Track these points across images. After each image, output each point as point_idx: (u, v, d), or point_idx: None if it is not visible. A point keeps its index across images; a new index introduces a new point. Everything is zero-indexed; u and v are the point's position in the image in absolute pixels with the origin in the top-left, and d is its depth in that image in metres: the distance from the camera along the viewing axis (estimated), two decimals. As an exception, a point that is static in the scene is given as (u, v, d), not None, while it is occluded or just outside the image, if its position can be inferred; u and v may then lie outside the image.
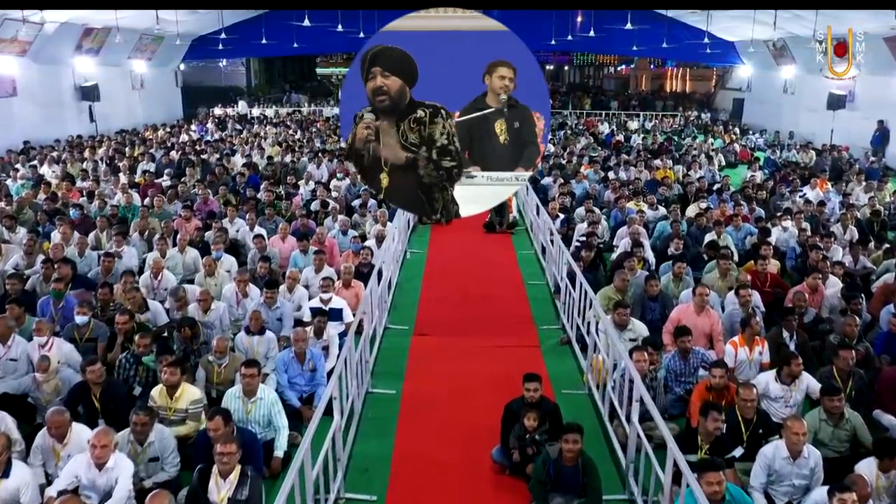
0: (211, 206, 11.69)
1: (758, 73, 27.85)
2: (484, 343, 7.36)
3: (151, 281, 8.14)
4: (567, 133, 23.46)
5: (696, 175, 15.39)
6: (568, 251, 8.64)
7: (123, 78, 24.97)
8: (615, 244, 10.32)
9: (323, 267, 8.31)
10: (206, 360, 5.94)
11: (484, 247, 11.27)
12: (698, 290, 6.91)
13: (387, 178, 6.43)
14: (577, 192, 13.52)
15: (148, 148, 17.84)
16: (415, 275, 9.68)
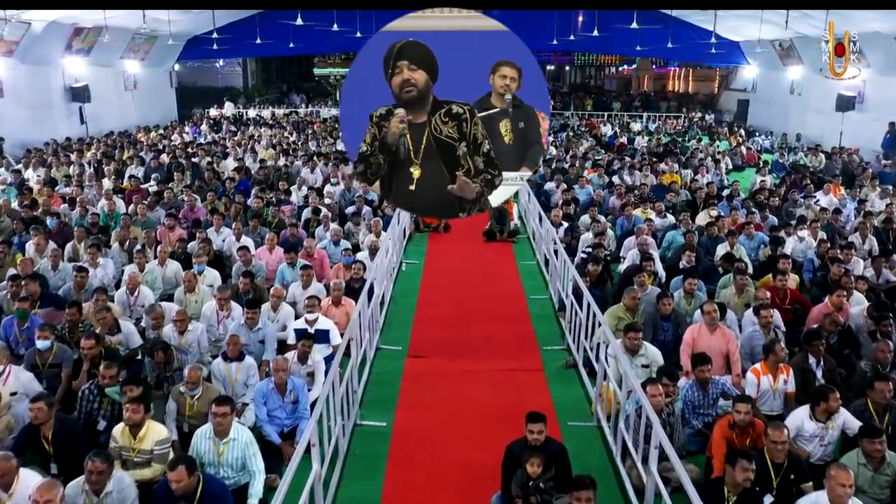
0: (198, 213, 11.15)
1: (763, 74, 27.28)
2: (483, 366, 6.83)
3: (127, 298, 7.61)
4: (569, 135, 22.91)
5: (703, 180, 14.83)
6: (573, 265, 8.11)
7: (116, 78, 24.42)
8: (622, 255, 9.79)
9: (311, 282, 7.78)
10: (178, 390, 5.40)
11: (484, 256, 10.73)
12: (705, 307, 6.38)
13: (418, 171, 6.35)
14: (580, 197, 12.98)
15: (138, 151, 17.29)
16: (410, 288, 9.14)
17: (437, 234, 11.88)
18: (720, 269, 8.66)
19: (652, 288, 7.67)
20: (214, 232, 9.91)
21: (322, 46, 27.93)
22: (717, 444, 4.90)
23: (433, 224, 11.99)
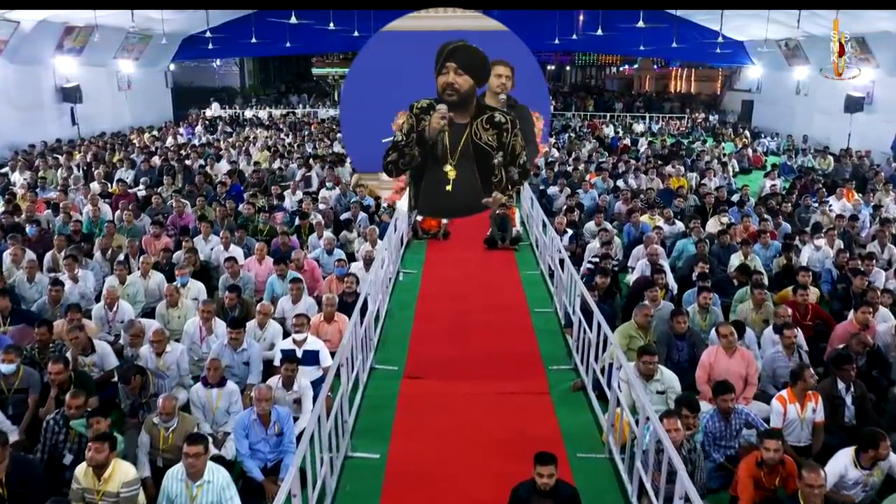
0: (186, 220, 10.70)
1: (768, 74, 26.83)
2: (485, 388, 6.36)
3: (105, 313, 7.14)
4: (571, 136, 22.44)
5: (711, 183, 14.37)
6: (579, 277, 7.65)
7: (109, 78, 23.96)
8: (630, 265, 9.32)
9: (301, 296, 7.31)
10: (151, 422, 4.94)
11: (485, 265, 10.26)
12: (721, 329, 5.90)
13: (454, 172, 6.33)
14: (584, 202, 12.53)
15: (129, 153, 16.81)
16: (408, 300, 8.67)
17: (437, 240, 11.40)
18: (735, 281, 8.20)
19: (664, 303, 7.21)
20: (202, 240, 9.46)
21: (319, 46, 27.48)
22: (743, 484, 4.44)
23: (432, 230, 11.52)
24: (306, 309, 7.27)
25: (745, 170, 18.64)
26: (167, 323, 7.18)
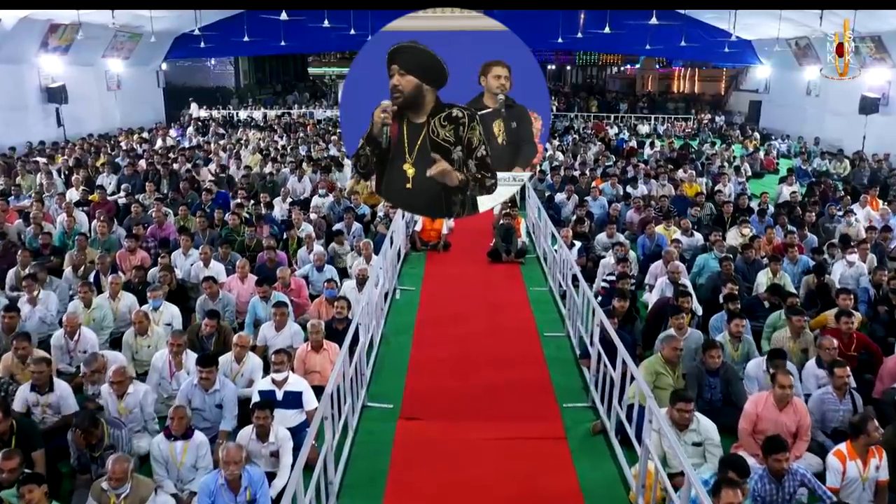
0: (167, 231, 9.93)
1: (777, 74, 26.10)
2: (492, 432, 5.60)
3: (66, 342, 6.38)
4: (575, 138, 21.67)
5: (727, 189, 13.62)
6: (592, 295, 6.90)
7: (98, 78, 23.21)
8: (648, 282, 8.57)
9: (285, 323, 6.55)
10: (99, 487, 4.18)
11: (489, 281, 9.49)
12: (781, 379, 5.03)
13: (412, 169, 6.20)
14: (594, 210, 11.77)
15: (113, 156, 16.01)
16: (405, 324, 7.90)
17: (436, 253, 10.64)
18: (765, 302, 7.45)
19: (691, 331, 6.46)
20: (182, 255, 8.71)
21: (315, 45, 26.70)
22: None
23: (431, 241, 10.77)
24: (291, 337, 6.54)
25: (757, 174, 17.89)
26: (135, 353, 6.44)
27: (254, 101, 32.95)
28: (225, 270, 8.20)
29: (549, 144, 19.88)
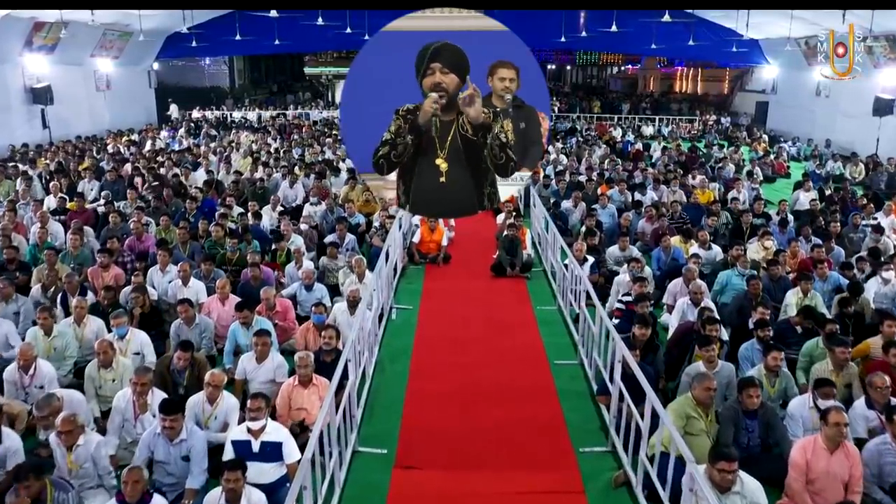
0: (146, 244, 9.22)
1: (785, 74, 25.41)
2: (500, 485, 4.91)
3: (20, 377, 5.67)
4: (579, 141, 20.96)
5: (741, 196, 12.94)
6: (607, 315, 6.22)
7: (86, 78, 22.48)
8: (665, 302, 7.88)
9: (267, 354, 5.85)
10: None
11: (492, 299, 8.79)
12: (834, 416, 4.40)
13: (445, 164, 6.29)
14: (602, 219, 11.05)
15: (98, 160, 15.29)
16: (401, 348, 7.21)
17: (436, 266, 9.94)
18: (798, 328, 6.77)
19: (722, 364, 5.77)
20: (159, 271, 8.01)
21: (311, 44, 25.96)
22: None
23: (430, 254, 10.07)
24: (274, 370, 5.85)
25: (769, 178, 17.15)
26: (99, 388, 5.74)
27: (249, 102, 32.24)
28: (206, 289, 7.50)
29: (553, 147, 19.20)
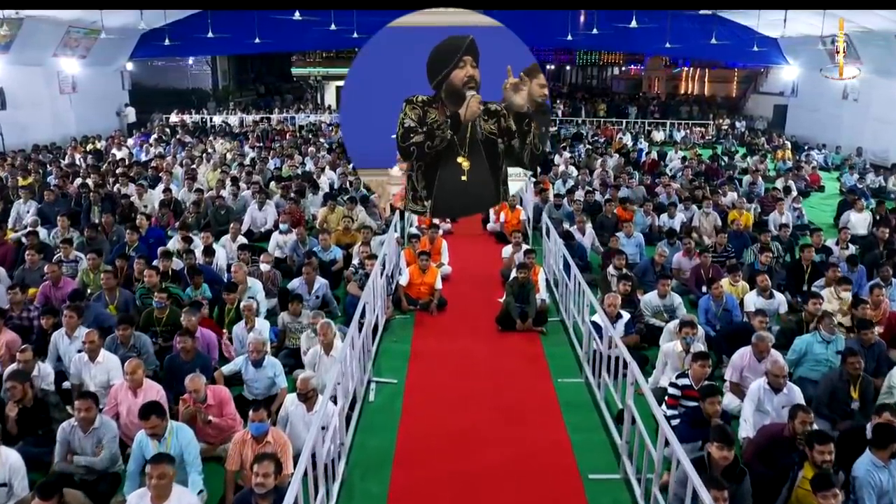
0: (64, 290, 7.32)
1: (806, 76, 23.58)
2: None
3: None
4: (588, 149, 19.07)
5: (784, 218, 11.06)
6: (657, 405, 4.37)
7: (48, 80, 20.54)
8: (728, 378, 5.98)
9: (168, 496, 3.95)
10: None
11: (500, 366, 6.88)
12: None
13: (467, 162, 6.62)
14: (627, 250, 9.14)
15: (42, 176, 13.32)
16: (378, 452, 5.29)
17: (428, 315, 8.05)
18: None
19: None
20: (66, 336, 6.12)
21: (294, 43, 24.03)
22: None
23: (422, 299, 8.18)
24: (185, 518, 3.95)
25: (801, 192, 15.20)
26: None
27: (234, 105, 30.25)
28: (119, 368, 5.60)
29: (560, 156, 17.35)
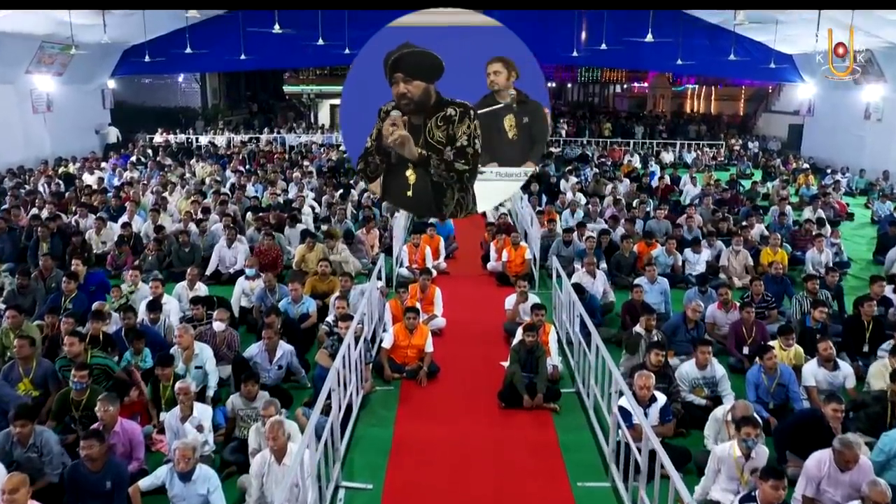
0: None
1: (824, 94, 22.37)
2: None
3: None
4: (596, 173, 17.74)
5: (823, 257, 9.73)
6: None
7: (21, 99, 19.24)
8: (802, 492, 4.59)
9: None
10: None
11: (504, 459, 5.46)
12: None
13: (413, 175, 6.42)
14: (650, 299, 7.83)
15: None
16: None
17: (416, 385, 6.66)
18: None
19: None
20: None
21: (282, 60, 22.75)
22: None
23: (409, 365, 6.79)
24: None
25: (831, 222, 13.81)
26: None
27: (224, 124, 29.02)
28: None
29: (566, 182, 16.04)
